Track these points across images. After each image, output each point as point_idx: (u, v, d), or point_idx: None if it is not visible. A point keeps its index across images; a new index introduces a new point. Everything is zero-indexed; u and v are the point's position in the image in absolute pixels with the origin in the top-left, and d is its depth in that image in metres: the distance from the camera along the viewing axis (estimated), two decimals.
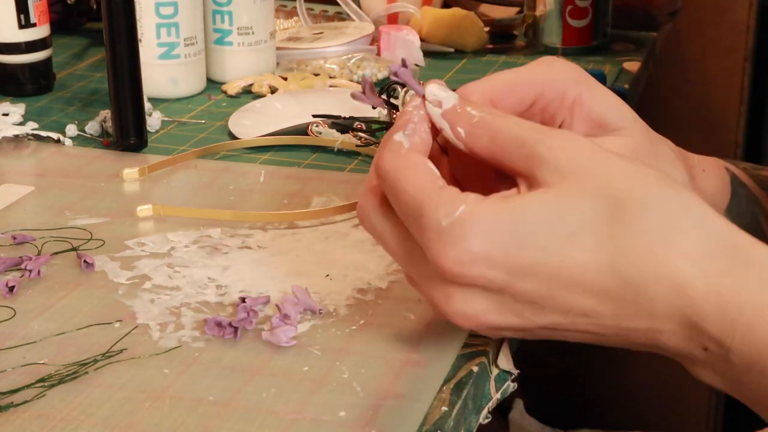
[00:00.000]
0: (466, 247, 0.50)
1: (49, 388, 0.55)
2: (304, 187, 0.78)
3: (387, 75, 1.02)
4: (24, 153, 0.85)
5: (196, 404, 0.54)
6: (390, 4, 1.15)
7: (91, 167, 0.82)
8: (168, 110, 0.95)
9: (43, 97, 0.98)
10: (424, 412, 0.53)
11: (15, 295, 0.64)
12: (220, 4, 1.00)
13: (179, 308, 0.62)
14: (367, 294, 0.64)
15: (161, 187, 0.79)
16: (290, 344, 0.58)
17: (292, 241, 0.70)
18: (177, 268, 0.67)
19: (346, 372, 0.56)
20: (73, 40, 1.16)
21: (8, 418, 0.53)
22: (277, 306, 0.62)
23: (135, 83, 0.83)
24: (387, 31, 1.08)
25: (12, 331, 0.60)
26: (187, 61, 0.97)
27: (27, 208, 0.75)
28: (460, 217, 0.50)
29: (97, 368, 0.57)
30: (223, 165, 0.83)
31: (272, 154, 0.85)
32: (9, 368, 0.57)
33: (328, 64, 1.03)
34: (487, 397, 0.58)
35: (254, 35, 1.01)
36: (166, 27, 0.95)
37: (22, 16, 0.94)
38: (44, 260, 0.67)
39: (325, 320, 0.61)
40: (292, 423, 0.52)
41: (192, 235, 0.71)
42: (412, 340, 0.59)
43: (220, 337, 0.59)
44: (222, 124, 0.92)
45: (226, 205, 0.76)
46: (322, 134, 0.86)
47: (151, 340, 0.59)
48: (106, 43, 0.82)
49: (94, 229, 0.72)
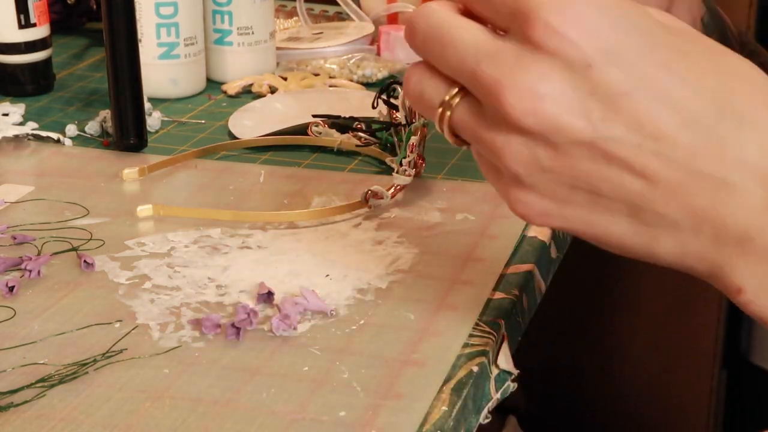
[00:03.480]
0: (570, 11, 0.45)
1: (49, 388, 0.55)
2: (304, 187, 0.78)
3: (387, 74, 1.03)
4: (24, 153, 0.85)
5: (196, 404, 0.54)
6: (390, 4, 1.15)
7: (91, 167, 0.82)
8: (168, 110, 0.95)
9: (43, 97, 0.98)
10: (424, 412, 0.53)
11: (15, 295, 0.64)
12: (220, 4, 1.00)
13: (179, 308, 0.62)
14: (367, 294, 0.64)
15: (161, 187, 0.79)
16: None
17: (292, 241, 0.70)
18: (177, 268, 0.67)
19: (346, 372, 0.56)
20: (73, 40, 1.16)
21: (8, 418, 0.53)
22: (277, 306, 0.62)
23: (135, 83, 0.83)
24: (387, 31, 1.08)
25: (12, 331, 0.60)
26: (187, 61, 0.97)
27: (27, 208, 0.75)
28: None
29: (97, 368, 0.57)
30: (223, 165, 0.83)
31: (272, 154, 0.85)
32: (9, 368, 0.57)
33: (328, 64, 1.03)
34: (487, 397, 0.58)
35: (254, 35, 1.01)
36: (166, 27, 0.95)
37: (22, 16, 0.94)
38: (44, 260, 0.67)
39: (325, 320, 0.61)
40: (292, 423, 0.52)
41: (192, 235, 0.71)
42: (412, 340, 0.59)
43: (221, 337, 0.59)
44: (222, 124, 0.92)
45: (226, 205, 0.76)
46: (322, 134, 0.86)
47: (151, 340, 0.59)
48: (106, 43, 0.82)
49: (94, 229, 0.72)
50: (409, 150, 0.76)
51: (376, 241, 0.70)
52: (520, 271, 0.67)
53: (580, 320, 1.54)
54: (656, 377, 1.54)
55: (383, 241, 0.70)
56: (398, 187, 0.75)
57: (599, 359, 1.57)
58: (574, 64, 0.46)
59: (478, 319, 0.61)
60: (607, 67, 0.45)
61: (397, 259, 0.68)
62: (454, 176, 0.80)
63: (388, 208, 0.74)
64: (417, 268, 0.67)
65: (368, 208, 0.74)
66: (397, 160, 0.77)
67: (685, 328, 1.48)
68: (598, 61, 0.45)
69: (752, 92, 0.46)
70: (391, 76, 1.03)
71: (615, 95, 0.45)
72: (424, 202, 0.75)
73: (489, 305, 0.63)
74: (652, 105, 0.45)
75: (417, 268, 0.67)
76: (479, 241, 0.70)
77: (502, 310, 0.62)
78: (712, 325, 1.46)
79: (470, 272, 0.66)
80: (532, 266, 0.67)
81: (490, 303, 0.63)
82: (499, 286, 0.65)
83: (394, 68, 1.03)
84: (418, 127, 0.77)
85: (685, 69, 0.46)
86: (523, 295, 0.65)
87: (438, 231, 0.71)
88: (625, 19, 0.46)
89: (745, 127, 0.45)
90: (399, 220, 0.73)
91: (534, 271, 0.67)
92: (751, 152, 0.45)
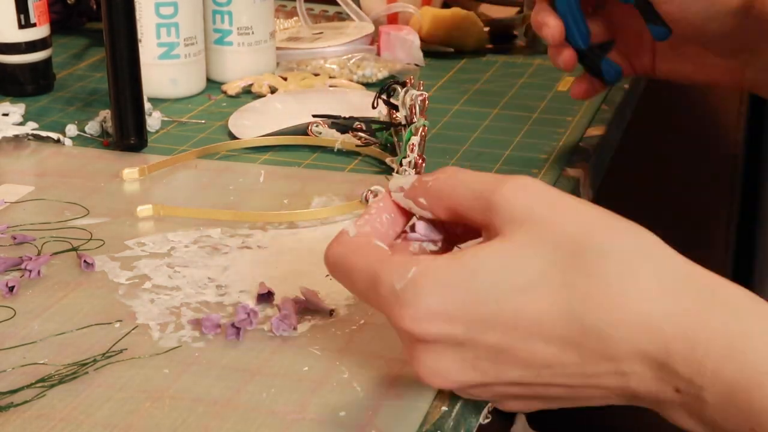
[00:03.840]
0: (422, 306, 0.49)
1: (49, 388, 0.55)
2: (304, 187, 0.78)
3: (387, 74, 1.03)
4: (24, 153, 0.85)
5: (196, 404, 0.54)
6: (390, 4, 1.15)
7: (91, 167, 0.82)
8: (168, 110, 0.95)
9: (43, 97, 0.98)
10: (424, 412, 0.53)
11: (15, 295, 0.64)
12: (220, 4, 1.00)
13: (179, 308, 0.62)
14: None
15: (161, 187, 0.79)
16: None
17: (292, 241, 0.70)
18: (177, 268, 0.67)
19: (346, 372, 0.56)
20: (73, 40, 1.16)
21: (8, 418, 0.53)
22: (277, 306, 0.62)
23: (135, 83, 0.83)
24: (387, 31, 1.08)
25: (12, 331, 0.60)
26: (187, 61, 0.97)
27: (27, 208, 0.75)
28: (412, 279, 0.50)
29: (97, 368, 0.57)
30: (223, 165, 0.83)
31: (272, 154, 0.85)
32: (9, 368, 0.57)
33: (328, 64, 1.03)
34: None
35: (254, 35, 1.01)
36: (166, 27, 0.95)
37: (22, 16, 0.94)
38: (44, 260, 0.67)
39: (325, 320, 0.61)
40: (292, 423, 0.52)
41: (192, 235, 0.71)
42: None
43: (221, 337, 0.59)
44: (222, 124, 0.92)
45: (226, 205, 0.76)
46: (322, 134, 0.86)
47: (151, 340, 0.59)
48: (106, 43, 0.82)
49: (94, 229, 0.72)
50: (409, 150, 0.76)
51: None
52: None
53: None
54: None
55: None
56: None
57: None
58: (452, 344, 0.50)
59: None
60: (478, 336, 0.50)
61: None
62: None
63: None
64: None
65: None
66: (397, 160, 0.77)
67: None
68: (467, 336, 0.50)
69: (598, 283, 0.49)
70: (391, 76, 1.03)
71: (497, 353, 0.50)
72: None
73: None
74: (529, 347, 0.50)
75: None
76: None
77: None
78: None
79: None
80: None
81: None
82: None
83: (394, 68, 1.03)
84: (418, 127, 0.77)
85: (535, 307, 0.49)
86: None
87: None
88: (469, 289, 0.49)
89: (610, 326, 0.48)
90: None
91: None
92: (624, 347, 0.48)
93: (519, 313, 0.49)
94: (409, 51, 1.06)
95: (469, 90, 1.01)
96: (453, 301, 0.49)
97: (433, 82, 1.03)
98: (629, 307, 0.48)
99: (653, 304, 0.48)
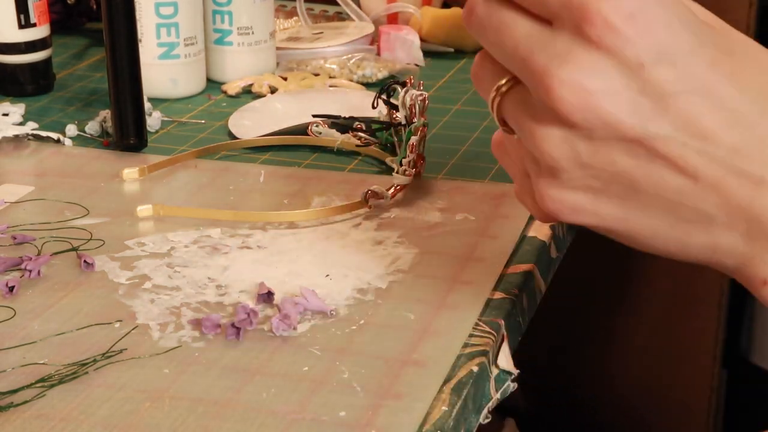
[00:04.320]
0: (633, 4, 0.45)
1: (49, 388, 0.55)
2: (304, 187, 0.78)
3: (387, 74, 1.03)
4: (24, 153, 0.85)
5: (196, 404, 0.54)
6: (390, 4, 1.15)
7: (91, 167, 0.82)
8: (168, 110, 0.95)
9: (43, 97, 0.98)
10: (424, 412, 0.53)
11: (15, 295, 0.64)
12: (220, 4, 1.00)
13: (179, 308, 0.62)
14: (367, 294, 0.64)
15: (161, 187, 0.79)
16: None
17: (292, 241, 0.70)
18: (177, 268, 0.67)
19: (346, 372, 0.56)
20: (73, 40, 1.16)
21: (8, 418, 0.53)
22: (277, 306, 0.62)
23: (135, 83, 0.83)
24: (387, 31, 1.08)
25: (12, 331, 0.60)
26: (187, 61, 0.97)
27: (27, 208, 0.75)
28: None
29: (97, 368, 0.57)
30: (223, 165, 0.83)
31: (272, 154, 0.85)
32: (9, 368, 0.57)
33: (328, 64, 1.03)
34: (487, 397, 0.58)
35: (254, 35, 1.01)
36: (166, 27, 0.95)
37: (22, 16, 0.94)
38: (44, 260, 0.67)
39: (325, 320, 0.61)
40: (292, 423, 0.52)
41: (192, 235, 0.71)
42: (412, 340, 0.59)
43: (221, 337, 0.59)
44: (222, 124, 0.92)
45: (226, 205, 0.76)
46: (322, 134, 0.86)
47: (151, 340, 0.59)
48: (106, 43, 0.82)
49: (94, 229, 0.72)
50: (409, 150, 0.76)
51: (376, 241, 0.70)
52: (520, 271, 0.67)
53: (580, 320, 1.54)
54: (656, 377, 1.54)
55: (383, 241, 0.70)
56: (398, 187, 0.75)
57: (599, 359, 1.57)
58: (627, 63, 0.46)
59: (478, 319, 0.61)
60: (659, 67, 0.46)
61: (397, 259, 0.68)
62: (454, 176, 0.80)
63: (388, 208, 0.74)
64: (417, 268, 0.67)
65: (368, 208, 0.74)
66: (397, 160, 0.77)
67: (685, 328, 1.48)
68: (650, 60, 0.46)
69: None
70: (391, 76, 1.03)
71: (664, 95, 0.46)
72: (424, 202, 0.75)
73: (489, 305, 0.63)
74: (699, 105, 0.46)
75: (417, 268, 0.67)
76: (479, 241, 0.70)
77: (502, 310, 0.62)
78: (712, 326, 1.46)
79: (470, 272, 0.66)
80: (532, 266, 0.67)
81: (490, 303, 0.63)
82: (499, 285, 0.65)
83: (394, 68, 1.03)
84: (418, 127, 0.77)
85: (730, 69, 0.46)
86: (523, 294, 0.65)
87: (438, 231, 0.71)
88: (677, 18, 0.46)
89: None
90: (399, 220, 0.73)
91: (534, 270, 0.67)
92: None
93: (713, 65, 0.46)
94: (409, 51, 1.06)
95: (469, 90, 1.01)
96: (659, 16, 0.46)
97: (433, 82, 1.03)
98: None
99: None
